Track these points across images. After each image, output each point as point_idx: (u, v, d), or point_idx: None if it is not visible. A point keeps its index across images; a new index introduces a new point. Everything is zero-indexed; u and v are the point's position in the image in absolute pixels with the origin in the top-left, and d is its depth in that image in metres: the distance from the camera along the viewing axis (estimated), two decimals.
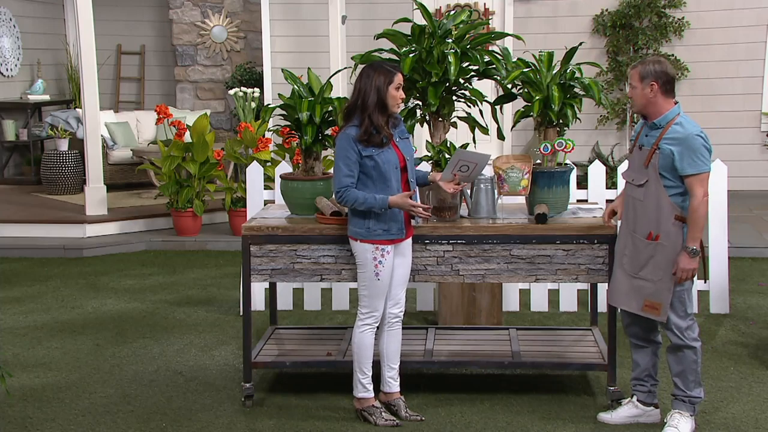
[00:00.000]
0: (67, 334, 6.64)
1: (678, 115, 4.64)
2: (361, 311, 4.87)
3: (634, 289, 4.73)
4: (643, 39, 11.68)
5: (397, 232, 4.78)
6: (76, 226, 9.61)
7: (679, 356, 4.74)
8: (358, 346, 4.88)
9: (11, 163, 12.83)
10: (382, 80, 4.67)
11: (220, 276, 8.29)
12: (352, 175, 4.69)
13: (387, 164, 4.71)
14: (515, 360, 5.28)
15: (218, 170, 9.53)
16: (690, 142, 4.55)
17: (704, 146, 4.57)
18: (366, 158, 4.69)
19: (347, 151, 4.68)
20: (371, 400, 4.93)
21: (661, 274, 4.64)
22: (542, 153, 5.21)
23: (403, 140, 4.84)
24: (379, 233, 4.75)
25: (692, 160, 4.55)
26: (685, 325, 4.69)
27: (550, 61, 5.33)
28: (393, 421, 4.86)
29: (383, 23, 5.97)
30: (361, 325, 4.87)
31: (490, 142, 10.82)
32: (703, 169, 4.58)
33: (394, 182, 4.74)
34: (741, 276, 7.88)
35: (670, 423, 4.77)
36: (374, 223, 4.75)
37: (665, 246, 4.63)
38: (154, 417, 5.10)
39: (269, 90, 11.49)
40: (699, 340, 4.75)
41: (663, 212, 4.62)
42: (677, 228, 4.61)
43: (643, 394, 4.93)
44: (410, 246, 4.94)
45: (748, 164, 11.53)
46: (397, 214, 4.76)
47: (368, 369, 4.91)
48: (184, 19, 13.27)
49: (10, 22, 12.70)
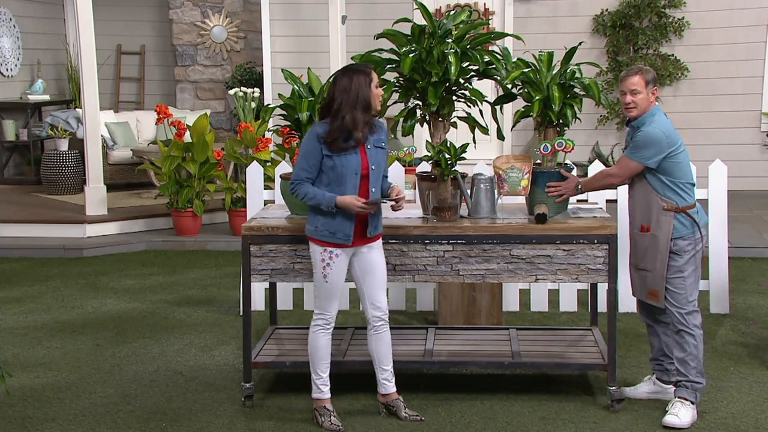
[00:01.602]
0: (67, 334, 6.64)
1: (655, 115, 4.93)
2: (314, 311, 4.90)
3: (640, 278, 5.05)
4: (643, 39, 11.68)
5: (342, 237, 4.72)
6: (76, 226, 9.61)
7: (679, 342, 4.93)
8: (311, 346, 4.90)
9: (11, 163, 12.83)
10: (362, 80, 4.66)
11: (220, 276, 8.29)
12: (308, 170, 4.69)
13: (344, 168, 4.67)
14: (515, 360, 5.28)
15: (218, 170, 9.53)
16: (646, 134, 4.87)
17: (654, 143, 4.82)
18: (325, 157, 4.67)
19: (310, 146, 4.69)
20: (324, 401, 4.93)
21: (656, 263, 4.93)
22: (542, 153, 5.21)
23: (378, 149, 4.77)
24: (325, 235, 4.73)
25: (636, 147, 4.90)
26: (685, 311, 4.91)
27: (550, 61, 5.33)
28: (338, 427, 4.83)
29: (383, 23, 5.97)
30: (313, 326, 4.89)
31: (490, 142, 10.84)
32: (636, 158, 4.89)
33: (350, 188, 4.68)
34: (741, 276, 7.88)
35: (671, 411, 4.90)
36: (322, 224, 4.73)
37: (657, 236, 4.91)
38: (154, 417, 5.10)
39: (269, 90, 11.49)
40: (700, 329, 4.95)
41: (652, 206, 4.93)
42: (667, 217, 4.89)
43: (660, 373, 5.20)
44: (378, 254, 4.86)
45: (748, 164, 11.53)
46: (345, 221, 4.70)
47: (322, 370, 4.91)
48: (184, 19, 13.27)
49: (10, 22, 12.70)
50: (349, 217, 4.70)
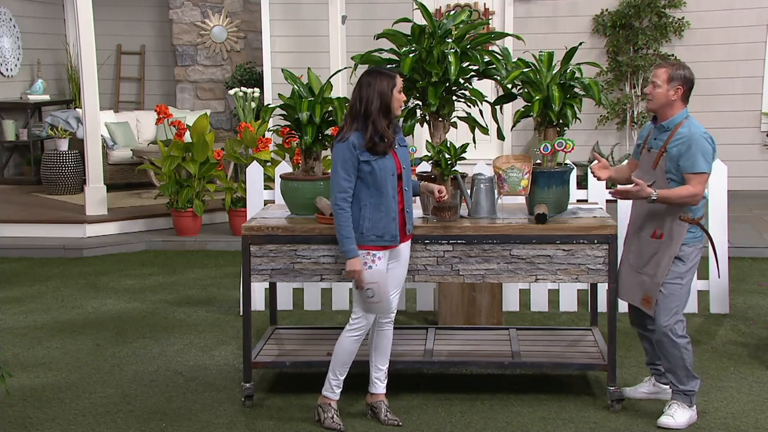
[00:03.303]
0: (67, 334, 6.64)
1: (686, 118, 4.79)
2: (352, 317, 4.87)
3: (638, 283, 4.93)
4: (643, 39, 11.68)
5: (390, 239, 4.75)
6: (76, 226, 9.62)
7: (664, 354, 4.88)
8: (339, 347, 4.88)
9: (11, 163, 12.83)
10: (385, 85, 4.66)
11: (220, 276, 8.29)
12: (347, 178, 4.66)
13: (383, 171, 4.68)
14: (515, 360, 5.28)
15: (218, 170, 9.53)
16: (693, 141, 4.70)
17: (707, 147, 4.71)
18: (363, 163, 4.66)
19: (346, 155, 4.65)
20: (332, 401, 4.93)
21: (657, 270, 4.82)
22: (542, 153, 5.21)
23: (402, 148, 4.82)
24: (372, 239, 4.73)
25: (693, 159, 4.70)
26: (671, 318, 4.81)
27: (550, 61, 5.33)
28: (339, 426, 4.84)
29: (383, 23, 5.97)
30: (348, 329, 4.86)
31: (490, 142, 10.83)
32: (702, 168, 4.70)
33: (390, 189, 4.71)
34: (741, 276, 7.88)
35: (667, 412, 4.90)
36: (368, 229, 4.72)
37: (667, 244, 4.80)
38: (154, 417, 5.10)
39: (269, 90, 11.49)
40: (686, 337, 4.86)
41: (669, 213, 4.79)
42: (681, 228, 4.77)
43: (659, 375, 5.17)
44: (407, 250, 4.92)
45: (748, 164, 11.53)
46: (390, 222, 4.72)
47: (341, 373, 4.91)
48: (184, 19, 13.27)
49: (10, 22, 12.70)
50: (393, 218, 4.73)
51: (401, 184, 4.78)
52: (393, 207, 4.73)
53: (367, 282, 4.70)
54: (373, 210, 4.70)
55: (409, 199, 4.83)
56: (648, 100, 4.86)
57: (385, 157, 4.69)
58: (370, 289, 4.71)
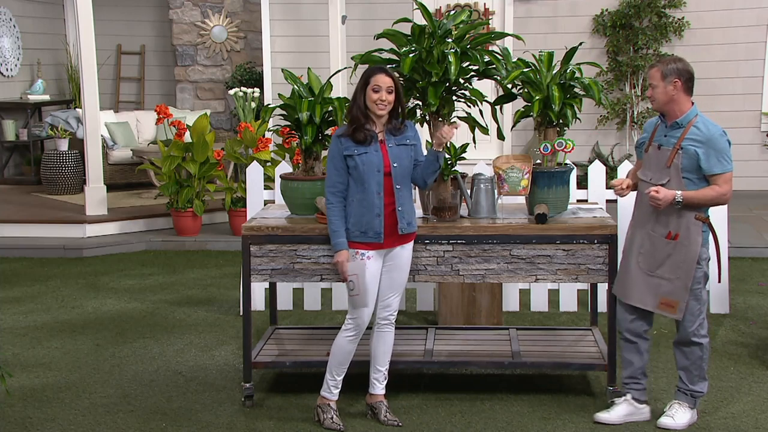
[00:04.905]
0: (67, 334, 6.64)
1: (696, 116, 4.74)
2: (347, 317, 4.89)
3: (650, 286, 4.78)
4: (643, 39, 11.68)
5: (373, 236, 4.74)
6: (76, 226, 9.61)
7: (685, 351, 4.82)
8: (335, 348, 4.89)
9: (11, 163, 12.83)
10: (361, 83, 4.74)
11: (220, 276, 8.30)
12: (337, 172, 4.74)
13: (367, 166, 4.69)
14: (515, 360, 5.28)
15: (218, 170, 9.53)
16: (715, 142, 4.66)
17: (727, 146, 4.69)
18: (348, 158, 4.71)
19: (332, 150, 4.78)
20: (330, 401, 4.93)
21: (680, 273, 4.70)
22: (542, 153, 5.21)
23: (401, 146, 4.79)
24: (357, 235, 4.75)
25: (718, 160, 4.66)
26: (697, 323, 4.76)
27: (550, 61, 5.33)
28: (339, 426, 4.85)
29: (383, 23, 5.97)
30: (343, 329, 4.88)
31: (490, 142, 10.83)
32: (728, 168, 4.69)
33: (374, 185, 4.71)
34: (741, 276, 7.88)
35: (668, 412, 4.87)
36: (352, 224, 4.76)
37: (684, 245, 4.71)
38: (154, 417, 5.10)
39: (269, 90, 11.49)
40: (707, 336, 4.83)
41: (685, 214, 4.69)
42: (697, 227, 4.70)
43: (638, 392, 4.95)
44: (407, 252, 4.90)
45: (748, 164, 11.52)
46: (374, 218, 4.72)
47: (338, 373, 4.91)
48: (184, 19, 13.27)
49: (10, 22, 12.70)
50: (376, 215, 4.72)
51: (391, 182, 4.76)
52: (376, 203, 4.72)
53: (349, 273, 4.74)
54: (357, 205, 4.74)
55: (405, 197, 4.79)
56: (651, 102, 4.83)
57: (370, 152, 4.70)
58: (351, 281, 4.74)
